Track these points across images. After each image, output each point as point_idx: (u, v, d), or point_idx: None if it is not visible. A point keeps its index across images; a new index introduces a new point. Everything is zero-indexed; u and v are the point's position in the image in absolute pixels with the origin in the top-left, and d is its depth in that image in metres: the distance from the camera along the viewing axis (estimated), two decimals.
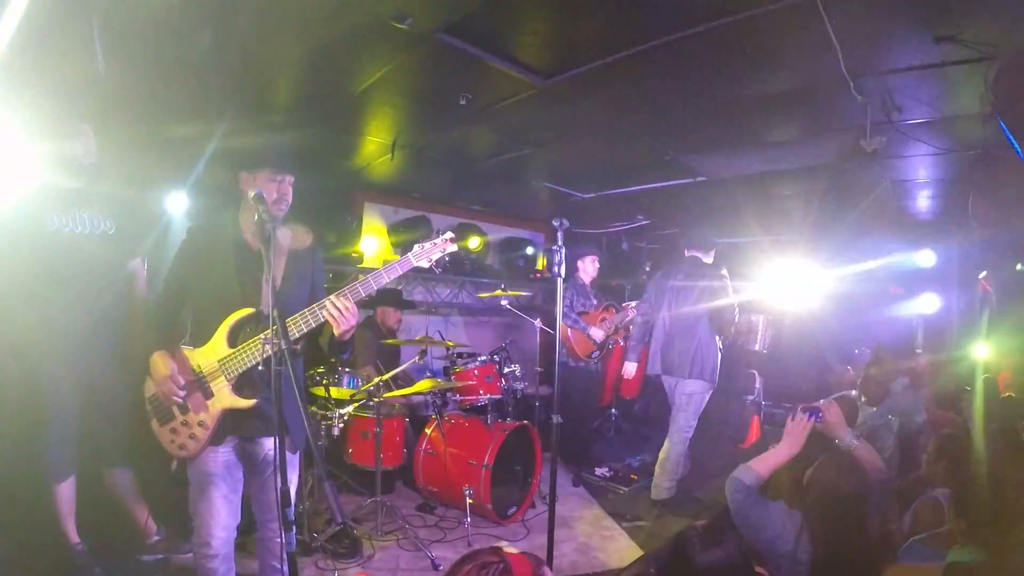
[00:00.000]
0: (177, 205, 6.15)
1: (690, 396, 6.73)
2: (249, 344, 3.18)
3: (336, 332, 3.22)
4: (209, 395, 3.22)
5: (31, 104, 4.52)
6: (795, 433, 3.87)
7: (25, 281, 4.10)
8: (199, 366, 3.23)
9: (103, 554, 4.63)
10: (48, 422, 4.20)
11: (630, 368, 7.49)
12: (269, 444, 3.33)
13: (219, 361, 3.21)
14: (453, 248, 3.44)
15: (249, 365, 3.19)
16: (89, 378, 4.34)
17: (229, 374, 3.21)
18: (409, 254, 3.35)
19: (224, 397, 3.22)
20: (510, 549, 2.01)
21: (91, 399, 4.38)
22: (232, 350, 3.20)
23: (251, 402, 3.22)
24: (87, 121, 4.32)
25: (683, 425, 6.76)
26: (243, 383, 3.24)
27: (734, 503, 3.63)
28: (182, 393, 3.18)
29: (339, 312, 3.14)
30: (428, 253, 3.36)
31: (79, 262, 4.23)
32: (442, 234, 3.44)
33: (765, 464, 3.94)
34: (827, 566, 3.14)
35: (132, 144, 5.50)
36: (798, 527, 3.39)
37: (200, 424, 3.23)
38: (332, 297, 3.16)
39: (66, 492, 4.33)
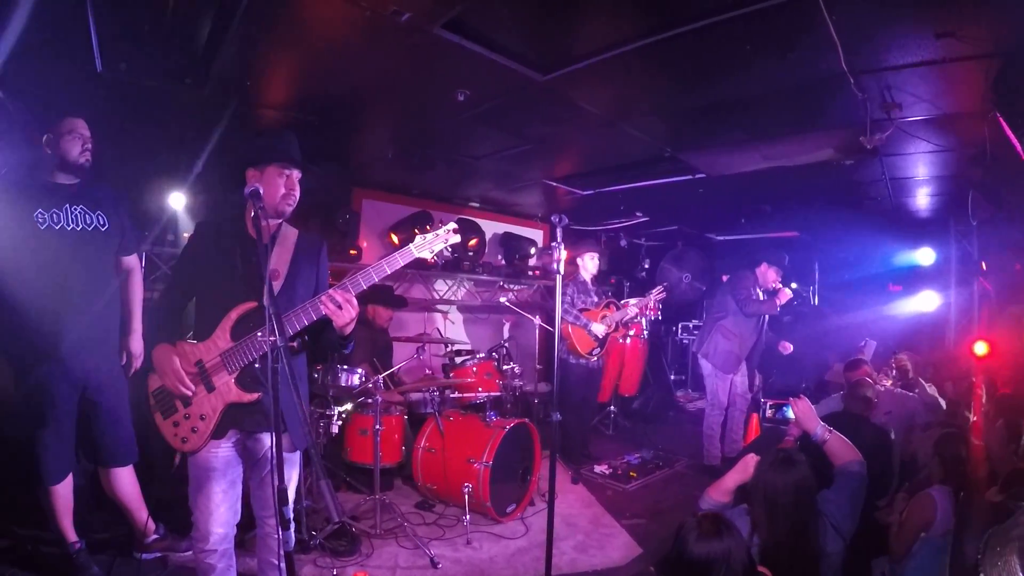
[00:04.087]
0: (178, 202, 6.15)
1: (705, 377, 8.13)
2: (252, 337, 3.17)
3: (336, 325, 3.22)
4: (211, 388, 3.21)
5: (26, 100, 4.53)
6: (743, 462, 3.90)
7: (19, 278, 4.04)
8: (201, 359, 3.22)
9: (101, 553, 4.64)
10: (45, 421, 4.15)
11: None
12: (268, 440, 3.28)
13: (221, 354, 3.20)
14: (456, 239, 3.41)
15: (252, 358, 3.19)
16: (85, 377, 4.30)
17: (232, 367, 3.20)
18: (410, 245, 3.32)
19: (227, 391, 3.21)
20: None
21: (88, 398, 4.35)
22: (234, 343, 3.19)
23: (255, 396, 3.22)
24: (82, 117, 4.29)
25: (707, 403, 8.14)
26: (246, 377, 3.24)
27: None
28: (191, 387, 3.17)
29: (337, 305, 3.13)
30: (430, 244, 3.34)
31: (73, 259, 4.18)
32: (445, 225, 3.41)
33: (718, 489, 4.02)
34: (775, 565, 3.14)
35: (130, 141, 5.50)
36: (749, 529, 3.39)
37: (202, 417, 3.22)
38: (331, 290, 3.16)
39: (63, 492, 4.30)
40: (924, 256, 9.84)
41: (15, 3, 3.60)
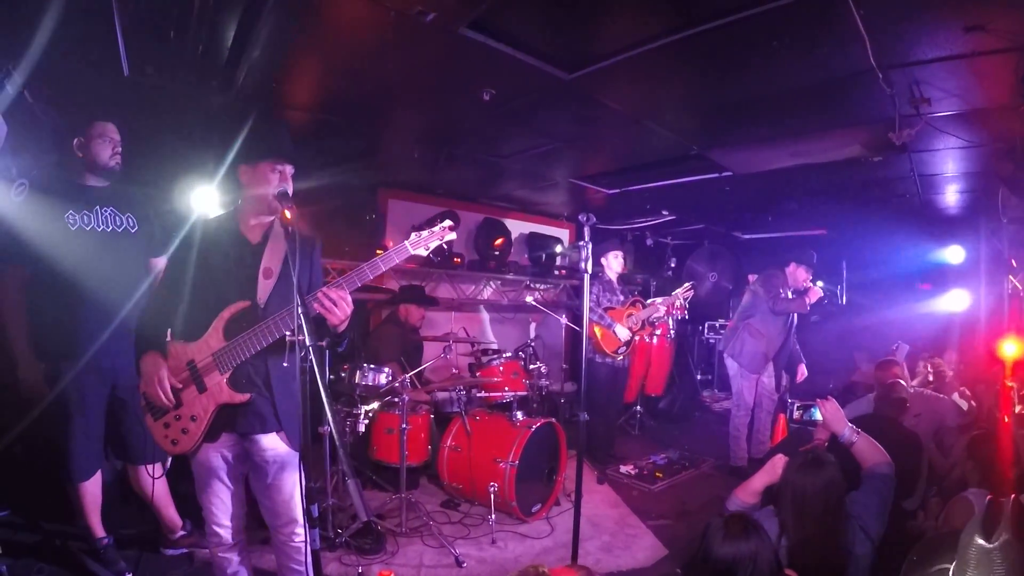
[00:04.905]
0: (205, 203, 6.19)
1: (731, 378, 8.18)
2: (245, 337, 3.16)
3: (330, 324, 3.21)
4: (203, 388, 3.20)
5: (56, 105, 4.58)
6: (771, 463, 3.88)
7: (50, 279, 4.12)
8: (193, 359, 3.21)
9: (129, 549, 4.68)
10: (75, 419, 4.22)
11: None
12: (266, 443, 3.31)
13: (213, 354, 3.19)
14: (452, 236, 3.45)
15: (244, 358, 3.18)
16: (115, 376, 4.36)
17: (224, 368, 3.19)
18: (406, 242, 3.35)
19: (219, 391, 3.20)
20: (546, 554, 1.99)
21: (118, 396, 4.41)
22: (227, 343, 3.19)
23: (246, 396, 3.21)
24: (112, 121, 4.34)
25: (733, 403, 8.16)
26: (239, 377, 3.23)
27: None
28: (170, 402, 3.15)
29: (331, 303, 3.13)
30: (426, 241, 3.38)
31: (102, 260, 4.24)
32: (441, 223, 3.44)
33: (746, 490, 4.01)
34: (803, 567, 3.11)
35: (158, 144, 5.55)
36: (777, 531, 3.36)
37: (193, 419, 3.21)
38: (324, 288, 3.16)
39: (92, 488, 4.37)
40: (953, 254, 9.73)
41: (44, 10, 3.65)
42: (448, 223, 3.43)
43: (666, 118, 5.69)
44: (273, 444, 3.32)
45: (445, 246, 3.49)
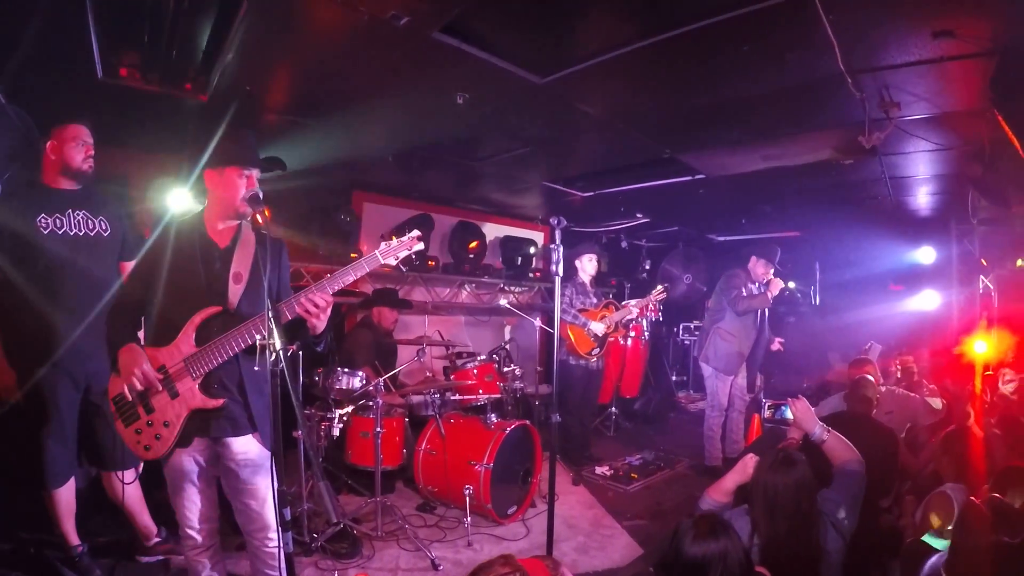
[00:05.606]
0: (178, 205, 6.16)
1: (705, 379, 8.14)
2: (217, 342, 3.16)
3: (312, 326, 3.24)
4: (174, 394, 3.18)
5: (28, 107, 4.55)
6: (743, 462, 3.91)
7: (22, 284, 4.08)
8: (164, 364, 3.19)
9: (104, 556, 4.66)
10: (48, 425, 4.18)
11: None
12: (238, 447, 3.31)
13: (185, 360, 3.18)
14: (420, 246, 3.47)
15: (216, 363, 3.17)
16: (87, 381, 4.33)
17: (195, 373, 3.18)
18: (376, 251, 3.36)
19: (192, 397, 3.19)
20: (522, 556, 1.99)
21: (91, 401, 4.37)
22: (199, 348, 3.18)
23: (219, 402, 3.21)
24: (85, 123, 4.31)
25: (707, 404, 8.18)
26: (210, 382, 3.22)
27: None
28: (157, 384, 3.14)
29: (314, 306, 3.15)
30: (395, 251, 3.39)
31: (75, 264, 4.21)
32: (409, 232, 3.45)
33: (718, 490, 4.03)
34: (776, 564, 3.13)
35: (131, 146, 5.51)
36: (749, 529, 3.39)
37: (166, 424, 3.19)
38: (309, 294, 3.17)
39: (66, 495, 4.33)
40: (925, 255, 9.83)
41: (17, 12, 3.63)
42: (416, 233, 3.45)
43: (639, 122, 5.73)
44: (245, 448, 3.31)
45: (414, 256, 3.49)
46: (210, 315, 3.20)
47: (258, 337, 3.08)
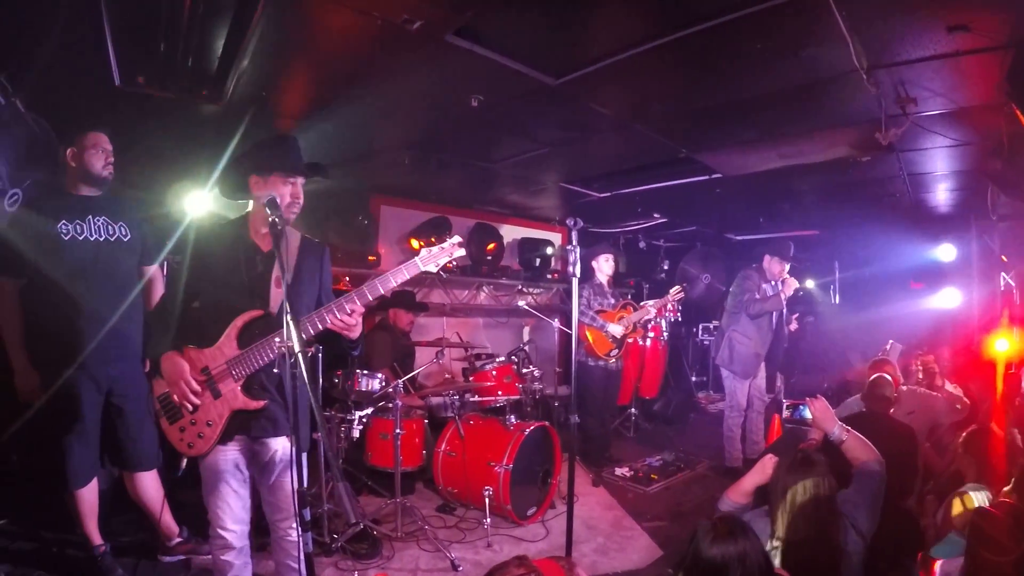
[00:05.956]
0: (196, 211, 6.21)
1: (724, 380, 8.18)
2: (258, 346, 3.20)
3: (346, 337, 3.29)
4: (217, 395, 3.25)
5: (48, 116, 4.61)
6: (762, 463, 3.89)
7: (45, 289, 4.16)
8: (207, 366, 3.25)
9: (126, 556, 4.71)
10: (71, 427, 4.24)
11: None
12: (275, 445, 3.37)
13: (227, 362, 3.24)
14: (461, 252, 3.46)
15: (258, 367, 3.22)
16: (110, 383, 4.38)
17: (237, 375, 3.24)
18: (416, 258, 3.36)
19: (234, 398, 3.25)
20: (542, 557, 2.00)
21: (113, 403, 4.43)
22: (241, 351, 3.23)
23: (261, 403, 3.26)
24: (104, 131, 4.37)
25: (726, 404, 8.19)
26: (252, 384, 3.28)
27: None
28: (196, 399, 3.21)
29: (347, 315, 3.19)
30: (436, 258, 3.39)
31: (96, 269, 4.28)
32: (451, 239, 3.45)
33: (737, 491, 4.01)
34: (795, 566, 3.12)
35: (149, 153, 5.56)
36: (768, 531, 3.37)
37: (208, 424, 3.26)
38: (342, 302, 3.19)
39: (88, 496, 4.39)
40: (945, 252, 9.76)
41: (35, 21, 3.68)
42: (457, 239, 3.45)
43: (654, 121, 5.71)
44: (283, 445, 3.37)
45: (454, 262, 3.50)
46: (252, 318, 3.25)
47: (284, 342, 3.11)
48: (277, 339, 3.12)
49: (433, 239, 3.50)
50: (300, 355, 2.72)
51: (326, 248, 3.67)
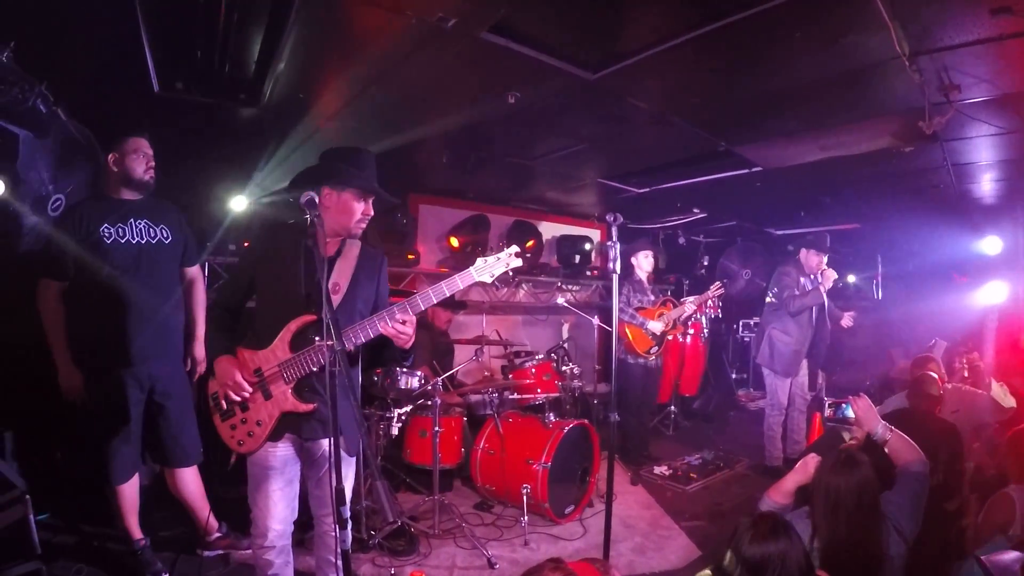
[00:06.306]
0: (235, 213, 6.28)
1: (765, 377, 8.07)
2: (310, 350, 3.22)
3: (397, 344, 3.28)
4: (268, 396, 3.28)
5: (89, 123, 4.69)
6: (804, 463, 3.83)
7: (88, 291, 4.24)
8: (260, 368, 3.29)
9: (166, 550, 4.78)
10: (114, 424, 4.31)
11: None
12: (326, 444, 3.38)
13: (280, 365, 3.26)
14: (518, 263, 3.40)
15: (309, 371, 3.24)
16: (152, 382, 4.44)
17: (288, 378, 3.26)
18: (471, 268, 3.32)
19: (284, 400, 3.27)
20: (579, 555, 1.98)
21: (155, 401, 4.49)
22: (293, 355, 3.25)
23: (311, 406, 3.28)
24: (144, 136, 4.44)
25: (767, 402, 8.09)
26: (303, 387, 3.30)
27: None
28: (244, 397, 3.26)
29: (400, 324, 3.18)
30: (491, 268, 3.34)
31: (138, 271, 4.35)
32: (508, 248, 3.41)
33: (779, 491, 3.95)
34: (836, 568, 3.05)
35: (188, 156, 5.63)
36: (810, 532, 3.31)
37: (258, 423, 3.30)
38: (386, 313, 3.19)
39: (129, 491, 4.46)
40: (991, 245, 9.57)
41: (75, 30, 3.75)
42: (514, 248, 3.40)
43: (692, 115, 5.65)
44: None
45: (511, 272, 3.47)
46: (306, 323, 3.26)
47: (347, 346, 3.12)
48: (317, 339, 3.14)
49: (477, 250, 3.46)
50: (344, 358, 2.74)
51: (384, 257, 3.69)
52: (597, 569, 2.16)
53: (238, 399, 3.26)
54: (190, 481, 4.73)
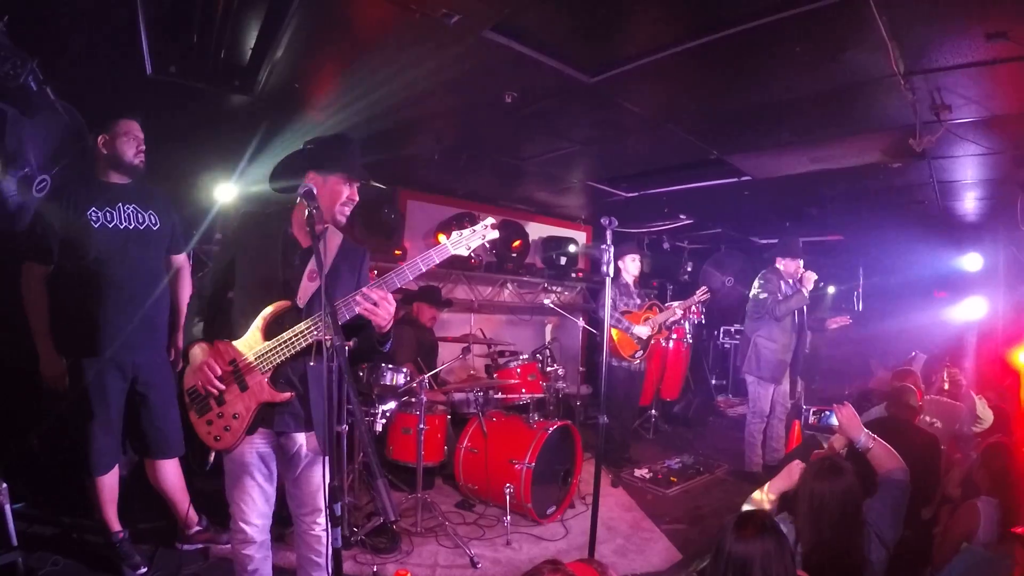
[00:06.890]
0: (224, 201, 6.25)
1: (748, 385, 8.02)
2: (286, 338, 3.17)
3: (374, 324, 3.20)
4: (244, 388, 3.22)
5: (79, 104, 4.64)
6: (788, 469, 3.87)
7: (72, 276, 4.19)
8: (235, 358, 3.22)
9: (144, 543, 4.75)
10: (94, 414, 4.26)
11: None
12: (300, 439, 3.37)
13: (255, 354, 3.21)
14: (494, 235, 3.36)
15: (285, 359, 3.19)
16: (134, 371, 4.40)
17: (264, 367, 3.21)
18: (447, 242, 3.27)
19: (260, 391, 3.21)
20: (561, 556, 2.00)
21: (137, 391, 4.45)
22: (268, 343, 3.20)
23: (287, 395, 3.23)
24: (136, 119, 4.39)
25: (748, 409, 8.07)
26: (279, 377, 3.25)
27: None
28: (220, 383, 3.17)
29: (373, 303, 3.11)
30: (467, 240, 3.29)
31: (124, 257, 4.29)
32: (483, 220, 3.37)
33: (763, 495, 3.96)
34: (817, 573, 3.09)
35: (179, 142, 5.60)
36: (793, 538, 3.35)
37: (235, 416, 3.23)
38: (365, 288, 3.13)
39: (109, 482, 4.41)
40: (971, 261, 9.67)
41: (68, 8, 3.72)
42: (491, 220, 3.37)
43: (687, 122, 5.71)
44: (306, 442, 3.38)
45: (488, 244, 3.40)
46: (280, 310, 3.22)
47: (316, 334, 3.09)
48: (304, 331, 3.13)
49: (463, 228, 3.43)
50: (332, 346, 2.71)
51: (366, 252, 3.64)
52: (595, 571, 2.19)
53: (214, 391, 3.18)
54: (171, 473, 4.67)
